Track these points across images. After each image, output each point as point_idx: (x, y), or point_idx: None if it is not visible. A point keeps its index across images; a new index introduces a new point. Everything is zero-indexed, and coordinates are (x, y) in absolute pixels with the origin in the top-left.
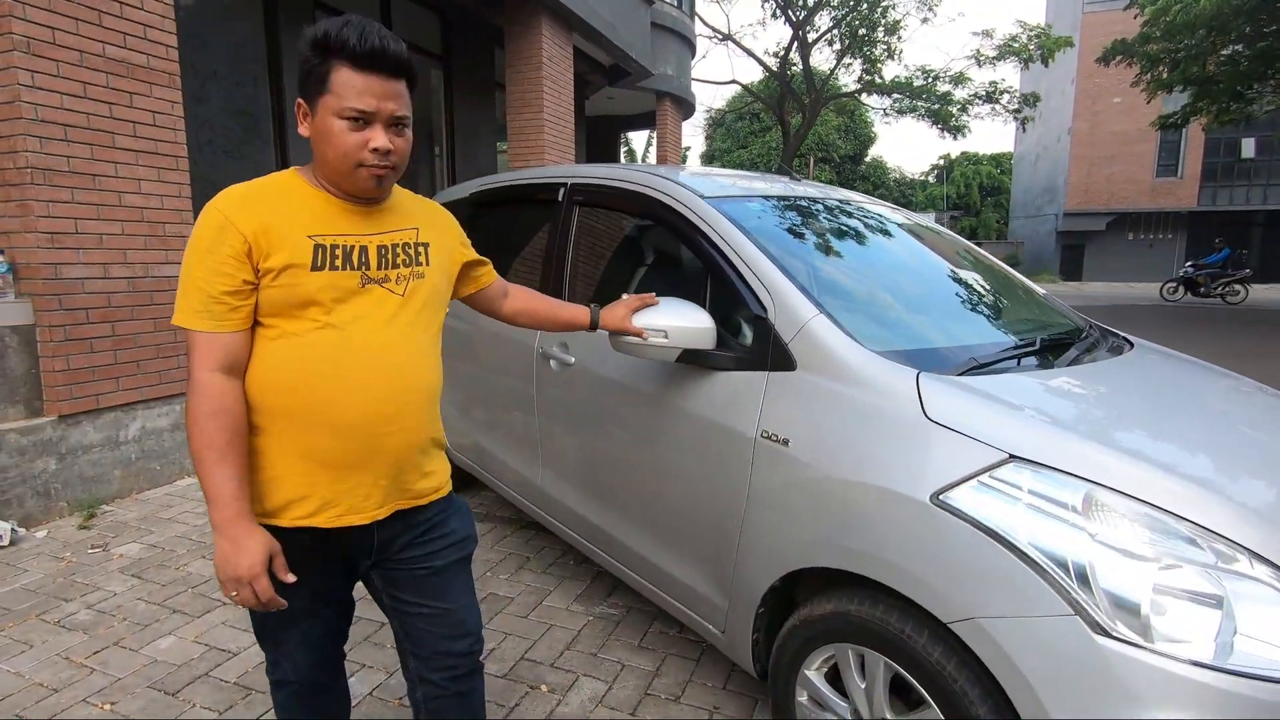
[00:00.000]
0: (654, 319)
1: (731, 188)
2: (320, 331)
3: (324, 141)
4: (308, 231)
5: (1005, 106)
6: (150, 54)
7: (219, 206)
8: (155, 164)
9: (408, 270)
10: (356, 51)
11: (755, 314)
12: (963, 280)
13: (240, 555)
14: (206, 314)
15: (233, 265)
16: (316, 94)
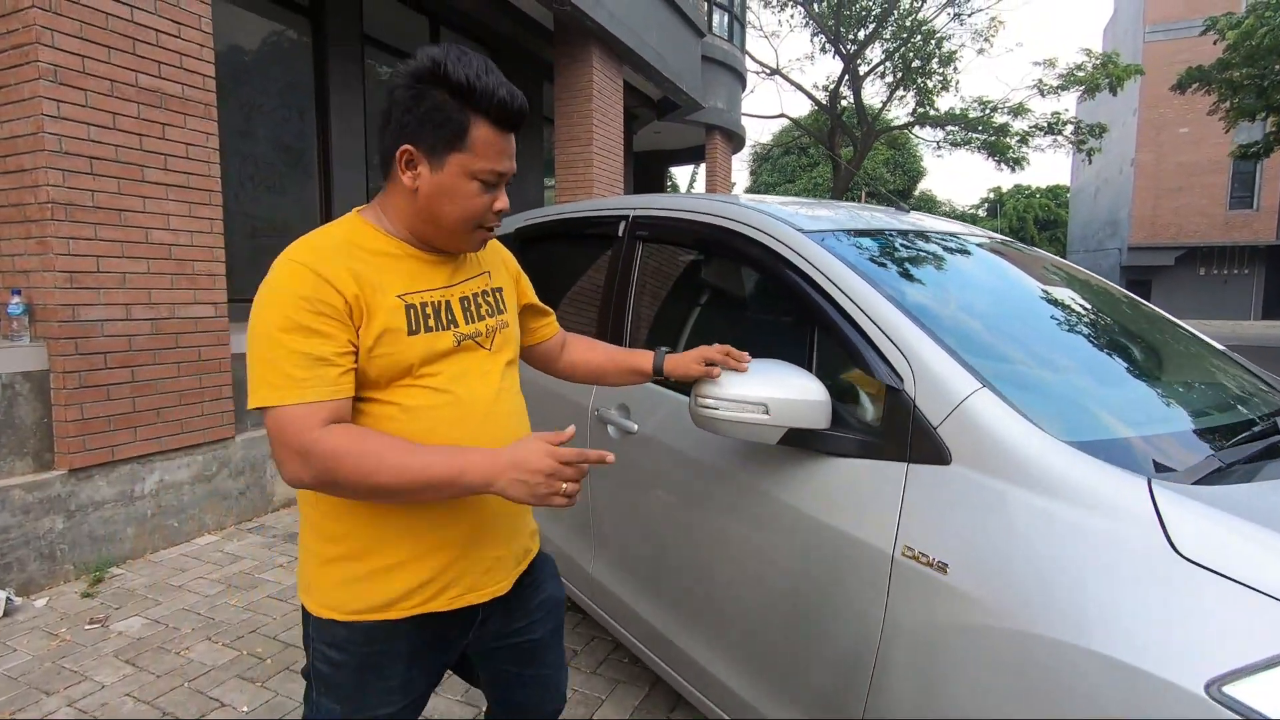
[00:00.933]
0: (749, 388)
1: (833, 220)
2: (433, 397)
3: (445, 199)
4: (396, 290)
5: (1069, 138)
6: (186, 84)
7: (303, 261)
8: (186, 198)
9: (494, 321)
10: (507, 110)
11: (885, 384)
12: (1141, 338)
13: (526, 463)
14: (314, 381)
15: (335, 326)
16: (448, 148)
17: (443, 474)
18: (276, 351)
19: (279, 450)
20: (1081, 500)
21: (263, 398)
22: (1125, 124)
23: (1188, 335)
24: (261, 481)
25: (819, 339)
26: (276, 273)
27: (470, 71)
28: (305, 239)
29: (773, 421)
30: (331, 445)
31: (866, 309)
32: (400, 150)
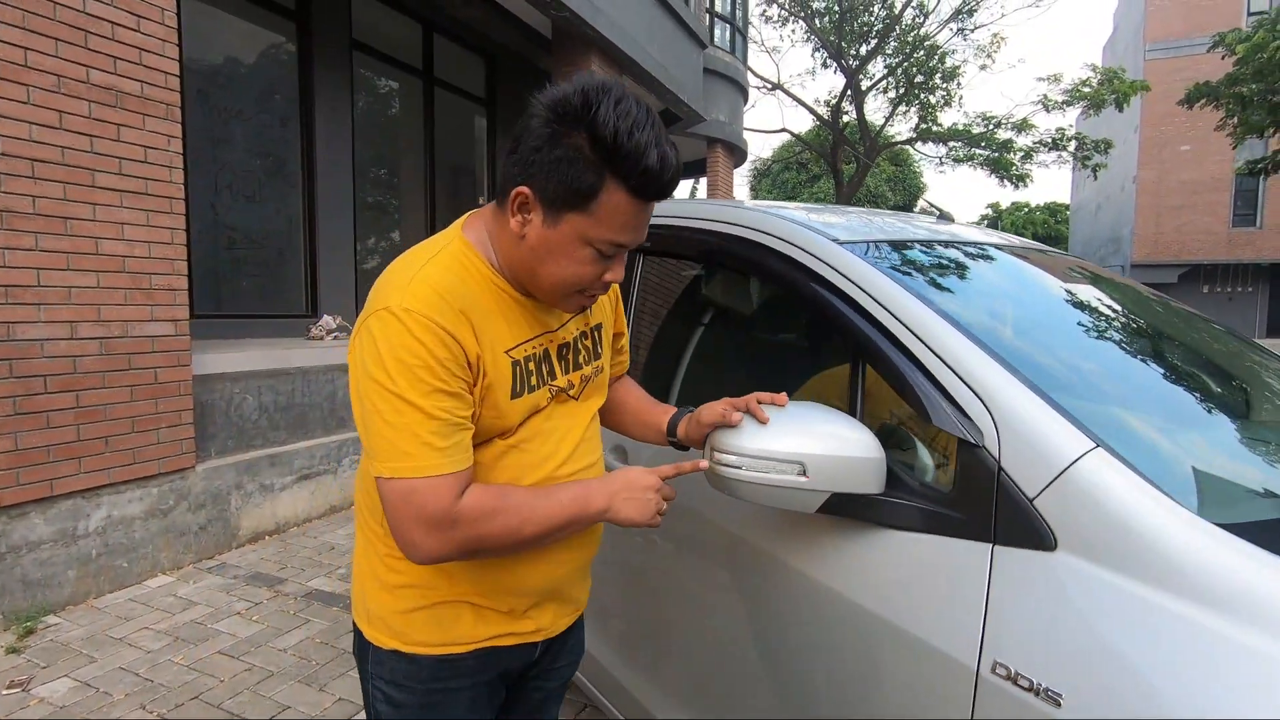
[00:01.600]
0: (780, 440)
1: (871, 229)
2: (511, 455)
3: (550, 258)
4: (504, 342)
5: (1074, 154)
6: (146, 82)
7: (430, 315)
8: (143, 205)
9: (590, 369)
10: (653, 181)
11: (958, 437)
12: (1253, 373)
13: (636, 482)
14: (454, 449)
15: (466, 388)
16: (569, 204)
17: (574, 511)
18: (410, 417)
19: (410, 526)
20: (1264, 616)
21: (396, 468)
22: (1126, 141)
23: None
24: (225, 514)
25: (863, 376)
26: (394, 325)
27: (623, 125)
28: (422, 279)
29: (811, 485)
30: (476, 510)
31: (930, 340)
32: (516, 191)
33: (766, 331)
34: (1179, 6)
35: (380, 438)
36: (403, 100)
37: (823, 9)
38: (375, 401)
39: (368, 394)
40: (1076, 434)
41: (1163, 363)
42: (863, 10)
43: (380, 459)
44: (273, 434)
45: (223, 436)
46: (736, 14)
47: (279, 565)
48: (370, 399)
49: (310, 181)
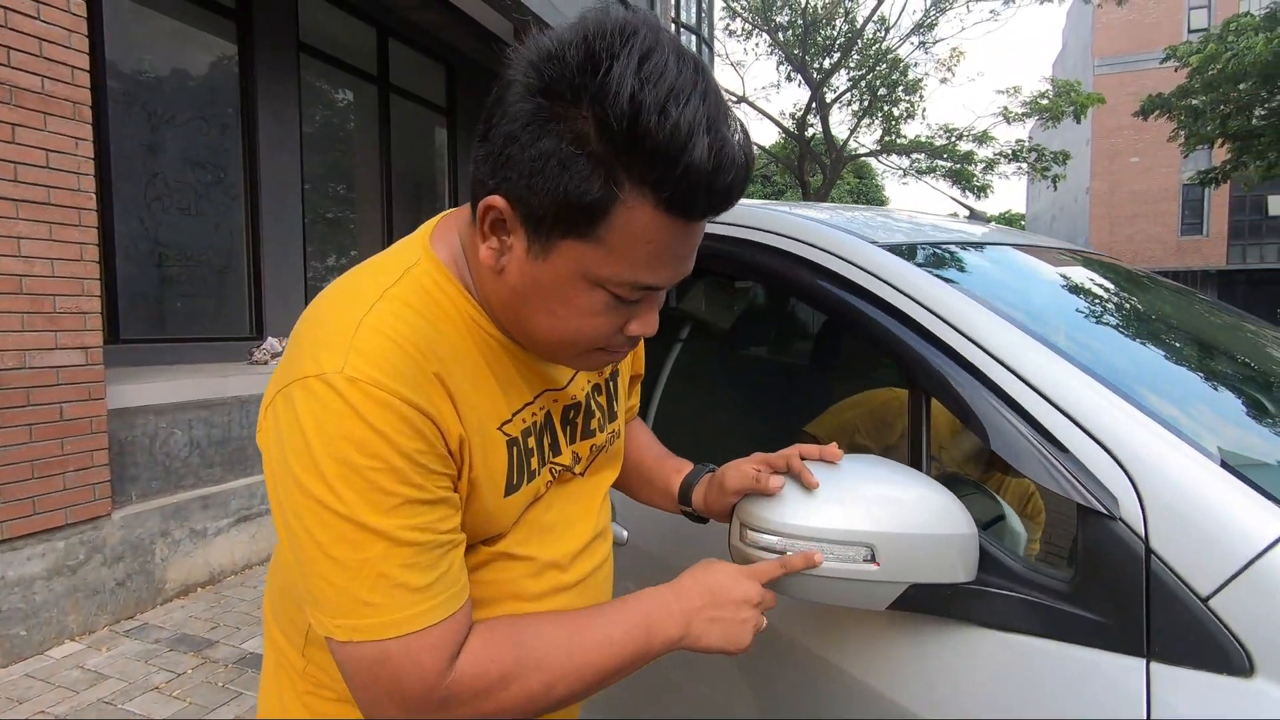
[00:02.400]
0: (837, 514)
1: (918, 231)
2: (500, 566)
3: (539, 303)
4: (496, 413)
5: (1033, 165)
6: (47, 76)
7: (388, 385)
8: (45, 217)
9: (604, 435)
10: (701, 186)
11: (1077, 503)
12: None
13: (725, 592)
14: (442, 586)
15: (448, 485)
16: (564, 228)
17: (631, 651)
18: (369, 550)
19: (381, 707)
20: None
21: (355, 628)
22: (1079, 153)
23: None
24: (148, 567)
25: (927, 414)
26: (331, 403)
27: (650, 95)
28: (373, 327)
29: (884, 575)
30: (479, 679)
31: (1026, 372)
32: (484, 204)
33: (797, 360)
34: (1124, 24)
35: (324, 581)
36: (356, 108)
37: (785, 23)
38: (310, 525)
39: (297, 510)
40: (1268, 506)
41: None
42: (825, 24)
43: (327, 612)
44: (206, 472)
45: (146, 478)
46: (702, 25)
47: (210, 624)
48: (302, 519)
49: (254, 193)
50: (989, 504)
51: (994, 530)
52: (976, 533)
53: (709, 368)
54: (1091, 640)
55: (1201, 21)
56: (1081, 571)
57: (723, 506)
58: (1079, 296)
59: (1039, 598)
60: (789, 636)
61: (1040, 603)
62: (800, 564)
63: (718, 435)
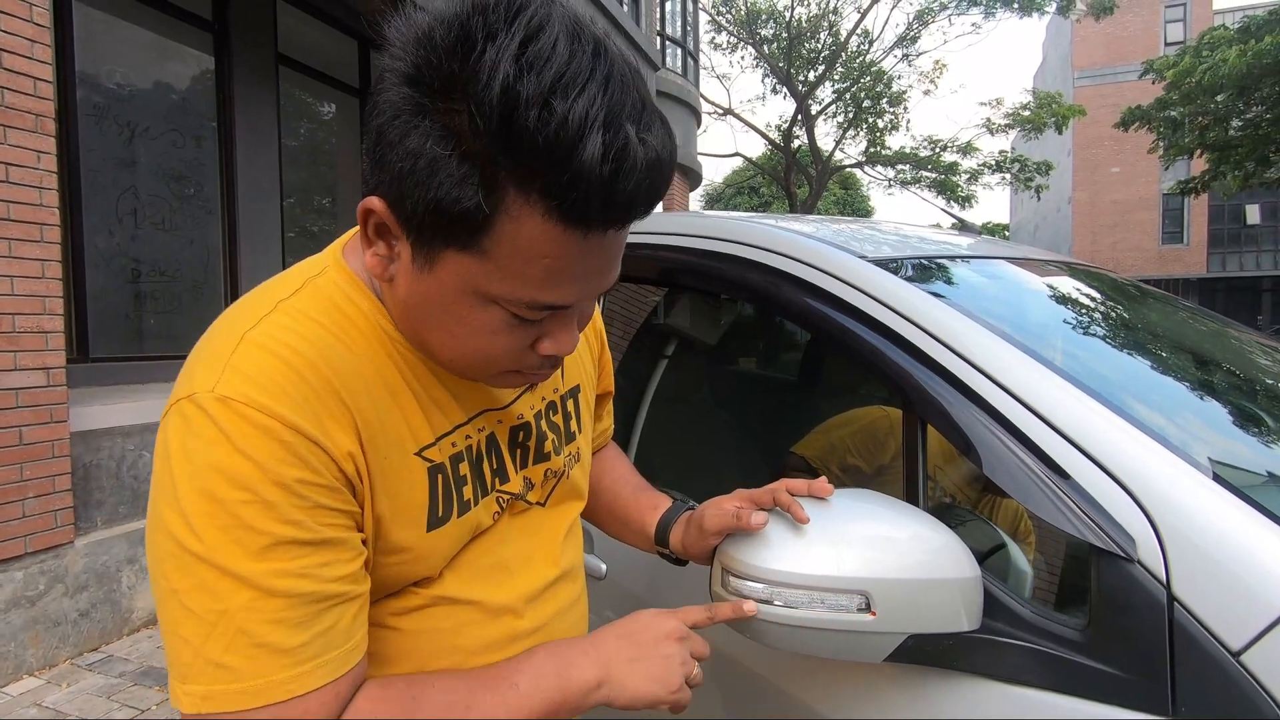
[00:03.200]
0: (828, 558)
1: (906, 243)
2: (443, 614)
3: (435, 321)
4: (412, 441)
5: (1017, 176)
6: (6, 87)
7: (253, 401)
8: (6, 234)
9: (562, 458)
10: (595, 192)
11: (1090, 544)
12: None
13: (645, 632)
14: (319, 643)
15: (341, 521)
16: (443, 241)
17: (542, 699)
18: (230, 600)
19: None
20: None
21: (202, 699)
22: (1061, 164)
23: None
24: (114, 596)
25: (923, 442)
26: (200, 428)
27: (531, 83)
28: (256, 341)
29: (880, 626)
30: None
31: (1031, 399)
32: (362, 206)
33: (778, 382)
34: (1102, 38)
35: (178, 639)
36: (338, 120)
37: (770, 35)
38: (168, 570)
39: (157, 554)
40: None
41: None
42: (810, 37)
43: (178, 675)
44: None
45: (113, 502)
46: (688, 38)
47: None
48: (161, 564)
49: (231, 207)
50: (986, 532)
51: (995, 564)
52: (980, 575)
53: (695, 385)
54: (1109, 696)
55: (1178, 34)
56: (1096, 619)
57: (702, 548)
58: (1077, 312)
59: (1050, 648)
60: (780, 689)
61: (1052, 653)
62: (728, 614)
63: (703, 454)
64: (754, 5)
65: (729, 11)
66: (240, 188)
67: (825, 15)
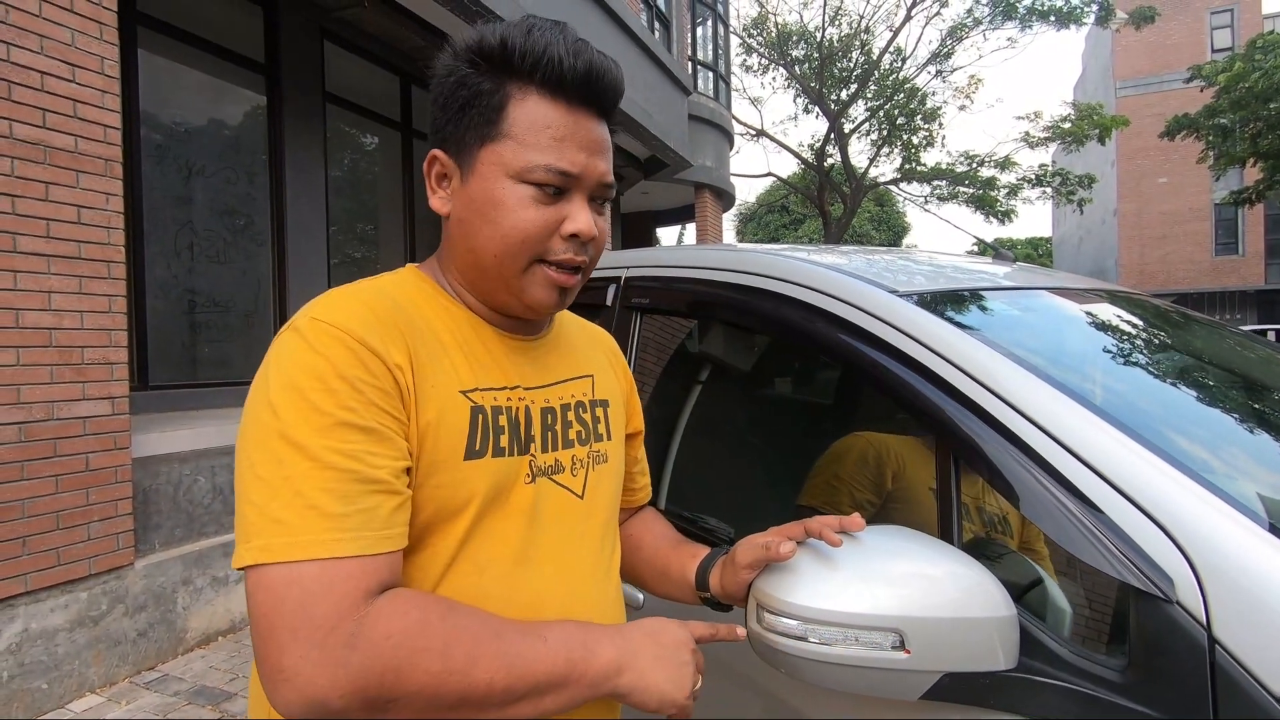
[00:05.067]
0: (862, 595)
1: (941, 276)
2: (455, 573)
3: (481, 218)
4: (461, 382)
5: (1058, 190)
6: (80, 135)
7: (337, 322)
8: (75, 271)
9: (585, 451)
10: (563, 70)
11: (1127, 584)
12: None
13: (664, 632)
14: (357, 518)
15: (392, 424)
16: (478, 140)
17: (563, 661)
18: (292, 467)
19: (282, 641)
20: None
21: (264, 548)
22: (1105, 175)
23: None
24: (170, 616)
25: (956, 477)
26: (292, 341)
27: (512, 32)
28: (334, 292)
29: (915, 664)
30: (395, 626)
31: (1066, 438)
32: (427, 160)
33: (812, 418)
34: (1145, 46)
35: (248, 504)
36: (381, 153)
37: (801, 56)
38: (250, 450)
39: (244, 442)
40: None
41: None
42: (841, 56)
43: (243, 536)
44: (228, 519)
45: (169, 525)
46: (719, 62)
47: (229, 674)
48: (246, 450)
49: (280, 239)
50: (1021, 566)
51: (1032, 600)
52: (1016, 614)
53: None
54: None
55: (1226, 40)
56: (1136, 660)
57: (738, 585)
58: (1117, 343)
59: (1089, 688)
60: (797, 705)
61: (1090, 694)
62: (725, 634)
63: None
64: (784, 27)
65: (760, 34)
66: (289, 220)
67: (857, 34)
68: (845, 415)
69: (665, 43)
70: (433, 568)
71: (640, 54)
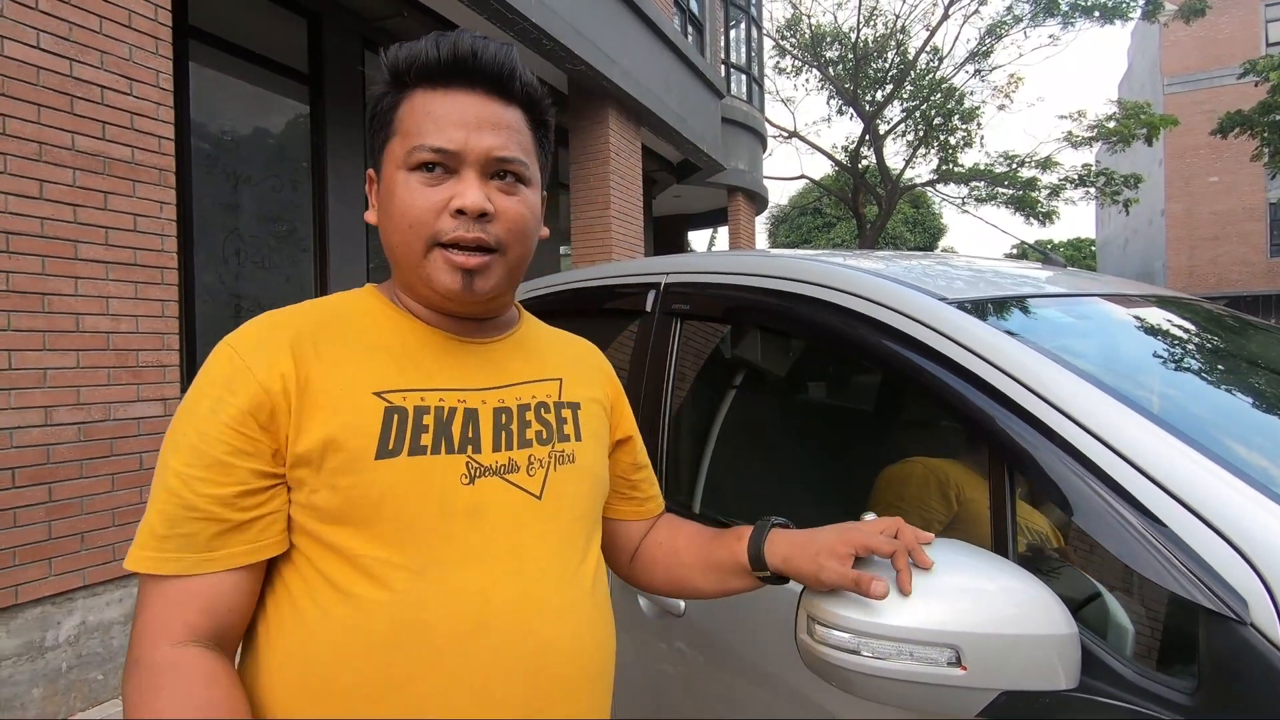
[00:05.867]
0: (917, 608)
1: (987, 282)
2: (403, 588)
3: (385, 215)
4: (376, 384)
5: (1102, 190)
6: (137, 146)
7: (230, 342)
8: (131, 277)
9: (546, 451)
10: (430, 61)
11: (1195, 604)
12: None
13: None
14: (178, 541)
15: (239, 442)
16: (381, 146)
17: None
18: (157, 481)
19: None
20: None
21: (130, 558)
22: (1152, 175)
23: None
24: None
25: (1011, 493)
26: (208, 358)
27: (400, 49)
28: (273, 311)
29: (972, 681)
30: (138, 687)
31: (1130, 451)
32: (366, 181)
33: (858, 426)
34: (1194, 41)
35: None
36: None
37: (836, 58)
38: (157, 465)
39: None
40: None
41: None
42: (876, 57)
43: (136, 539)
44: None
45: None
46: (752, 64)
47: None
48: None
49: (322, 244)
50: (1079, 581)
51: (1091, 616)
52: (1078, 633)
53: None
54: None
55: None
56: (1206, 683)
57: (810, 565)
58: (1175, 351)
59: (1155, 710)
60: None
61: (1157, 717)
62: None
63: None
64: (818, 28)
65: (793, 36)
66: (331, 226)
67: (892, 34)
68: (886, 422)
69: (698, 46)
70: (355, 567)
71: (674, 58)
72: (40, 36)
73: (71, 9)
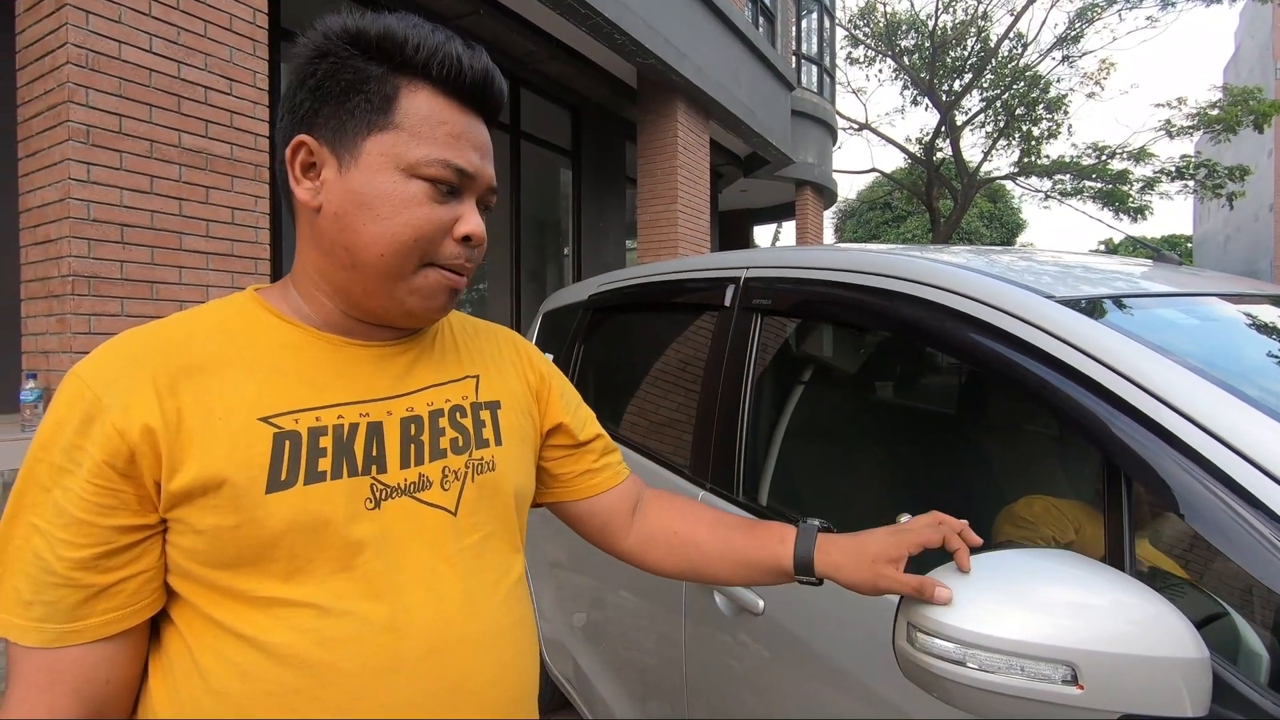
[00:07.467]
0: (1029, 623)
1: (1095, 280)
2: (313, 628)
3: (366, 213)
4: (261, 409)
5: (1203, 183)
6: (235, 144)
7: (81, 374)
8: (229, 267)
9: (462, 460)
10: (462, 69)
11: None
12: None
13: None
14: (41, 610)
15: (97, 497)
16: (364, 129)
17: None
18: (9, 536)
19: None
20: None
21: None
22: (1259, 167)
23: None
24: None
25: (1129, 505)
26: (58, 390)
27: (398, 25)
28: (122, 334)
29: (1089, 702)
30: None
31: (1271, 466)
32: (291, 146)
33: (951, 429)
34: None
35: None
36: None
37: (912, 46)
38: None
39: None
40: None
41: None
42: (955, 45)
43: None
44: None
45: None
46: (824, 54)
47: None
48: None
49: None
50: (1198, 599)
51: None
52: (1209, 658)
53: (848, 414)
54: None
55: None
56: None
57: (867, 573)
58: None
59: None
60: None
61: None
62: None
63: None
64: (894, 16)
65: (867, 25)
66: None
67: (973, 21)
68: (974, 423)
69: (769, 37)
70: (252, 607)
71: (744, 49)
72: (153, 41)
73: (180, 14)
